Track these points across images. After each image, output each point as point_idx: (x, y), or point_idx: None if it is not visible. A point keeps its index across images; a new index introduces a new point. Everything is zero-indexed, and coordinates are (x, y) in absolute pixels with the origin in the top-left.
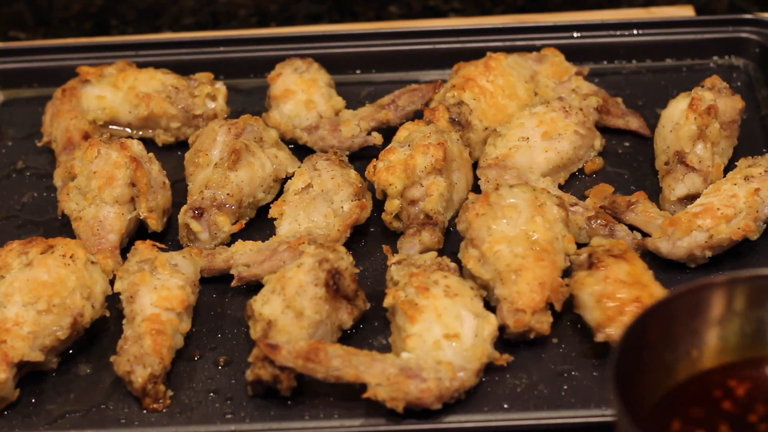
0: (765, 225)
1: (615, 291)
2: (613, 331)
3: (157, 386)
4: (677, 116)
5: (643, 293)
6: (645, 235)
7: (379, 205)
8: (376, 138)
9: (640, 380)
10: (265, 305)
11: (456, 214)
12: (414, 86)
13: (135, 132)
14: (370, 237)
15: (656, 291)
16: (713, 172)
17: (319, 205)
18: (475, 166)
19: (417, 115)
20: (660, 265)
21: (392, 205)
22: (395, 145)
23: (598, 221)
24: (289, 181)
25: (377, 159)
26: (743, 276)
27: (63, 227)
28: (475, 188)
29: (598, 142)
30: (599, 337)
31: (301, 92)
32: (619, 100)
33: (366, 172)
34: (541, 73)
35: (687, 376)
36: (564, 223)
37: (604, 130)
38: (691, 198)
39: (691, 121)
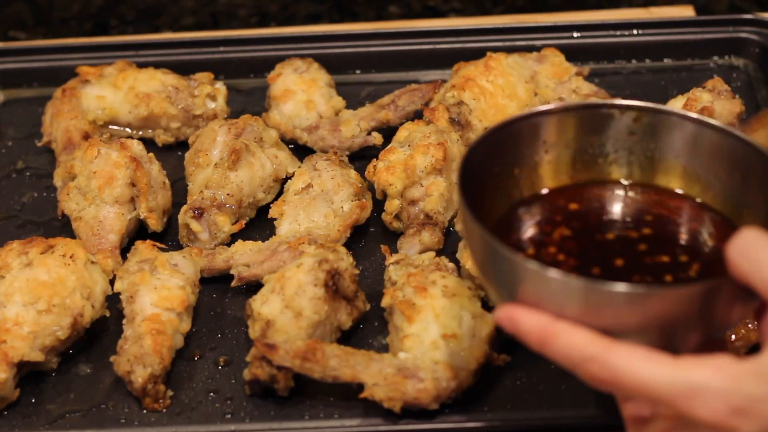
0: None
1: None
2: None
3: (157, 386)
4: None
5: None
6: None
7: (379, 205)
8: (376, 138)
9: (486, 195)
10: (264, 305)
11: (456, 214)
12: (414, 86)
13: (135, 132)
14: (370, 237)
15: None
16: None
17: (319, 205)
18: None
19: (417, 115)
20: None
21: (392, 205)
22: (395, 145)
23: None
24: (289, 181)
25: (377, 159)
26: (574, 105)
27: (63, 227)
28: None
29: None
30: None
31: (301, 92)
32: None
33: (366, 172)
34: (541, 73)
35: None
36: None
37: None
38: None
39: None
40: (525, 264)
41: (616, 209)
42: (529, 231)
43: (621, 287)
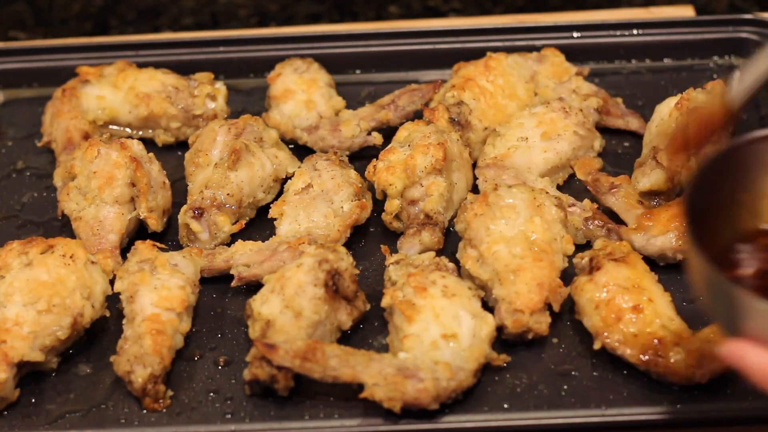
0: None
1: (613, 298)
2: (610, 339)
3: (157, 386)
4: (664, 113)
5: (642, 299)
6: (620, 221)
7: (379, 205)
8: (376, 138)
9: (709, 221)
10: (264, 305)
11: (456, 214)
12: (414, 86)
13: (135, 132)
14: (370, 237)
15: (657, 295)
16: (684, 173)
17: (319, 205)
18: (474, 166)
19: (417, 115)
20: (663, 266)
21: (392, 205)
22: (395, 145)
23: (596, 222)
24: (289, 181)
25: (377, 159)
26: None
27: (63, 227)
28: (475, 188)
29: (598, 143)
30: (597, 345)
31: (301, 92)
32: (619, 100)
33: (366, 172)
34: (541, 73)
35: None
36: (562, 224)
37: (603, 130)
38: (654, 194)
39: (674, 119)
40: (753, 302)
41: None
42: (752, 265)
43: None
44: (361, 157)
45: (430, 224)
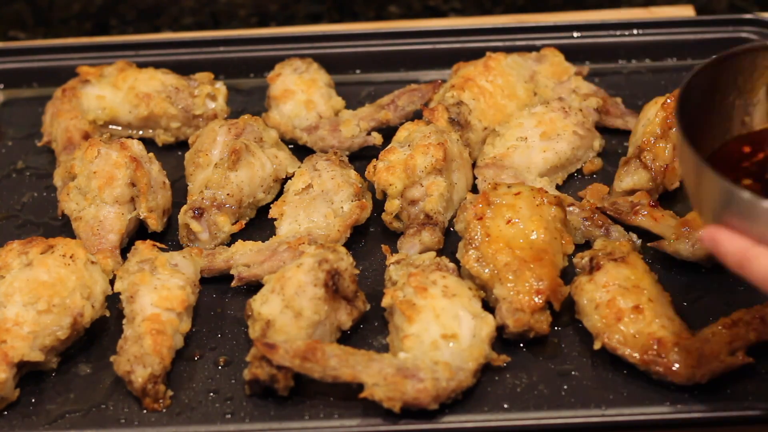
0: None
1: (613, 298)
2: (610, 339)
3: (157, 386)
4: (651, 114)
5: (642, 299)
6: (651, 235)
7: (379, 205)
8: (376, 138)
9: (701, 123)
10: (264, 305)
11: (456, 214)
12: (414, 86)
13: (135, 132)
14: (370, 237)
15: (657, 295)
16: (666, 174)
17: (319, 206)
18: (474, 165)
19: (417, 115)
20: (663, 266)
21: (392, 205)
22: (395, 145)
23: (594, 222)
24: (289, 181)
25: (377, 159)
26: None
27: (63, 227)
28: (475, 188)
29: (598, 143)
30: (597, 345)
31: (301, 92)
32: (619, 100)
33: (366, 172)
34: (540, 73)
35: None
36: (562, 223)
37: (603, 130)
38: (635, 192)
39: (659, 120)
40: (732, 190)
41: None
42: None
43: None
44: (361, 157)
45: (430, 224)
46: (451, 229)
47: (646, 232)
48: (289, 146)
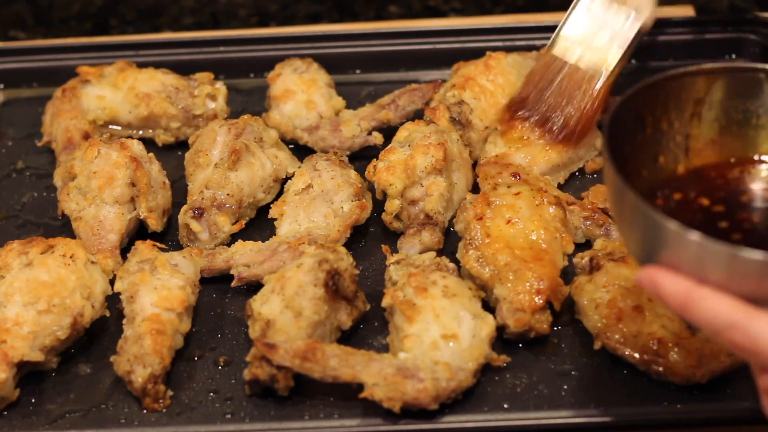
0: None
1: (613, 298)
2: (610, 339)
3: (157, 386)
4: None
5: (642, 299)
6: None
7: (379, 205)
8: (377, 138)
9: (631, 157)
10: (264, 305)
11: (456, 214)
12: (414, 86)
13: (135, 132)
14: (370, 237)
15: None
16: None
17: (319, 206)
18: (475, 165)
19: (417, 115)
20: None
21: (392, 205)
22: (395, 145)
23: (595, 221)
24: (289, 181)
25: (377, 159)
26: (724, 66)
27: (63, 227)
28: (475, 188)
29: (599, 142)
30: (597, 345)
31: (301, 92)
32: (617, 98)
33: (366, 172)
34: None
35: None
36: (562, 223)
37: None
38: None
39: None
40: (671, 227)
41: (761, 187)
42: (673, 201)
43: (765, 256)
44: (361, 157)
45: (430, 224)
46: (451, 229)
47: None
48: (290, 146)
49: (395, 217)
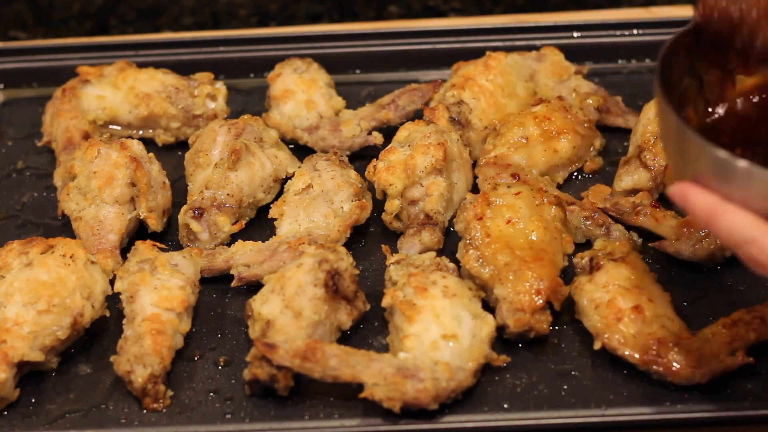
0: None
1: (613, 298)
2: (610, 339)
3: (157, 386)
4: (651, 113)
5: (642, 299)
6: (652, 235)
7: (379, 205)
8: (377, 138)
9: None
10: (264, 305)
11: (456, 214)
12: (414, 86)
13: (135, 132)
14: (370, 237)
15: (657, 295)
16: (667, 173)
17: (319, 206)
18: (474, 165)
19: (417, 115)
20: (663, 266)
21: (392, 205)
22: (395, 145)
23: (595, 221)
24: (289, 181)
25: (377, 159)
26: None
27: (63, 227)
28: (475, 187)
29: (598, 142)
30: (597, 345)
31: (301, 92)
32: (619, 98)
33: (366, 172)
34: (540, 72)
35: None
36: (562, 223)
37: (603, 128)
38: (636, 192)
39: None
40: (703, 145)
41: None
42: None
43: None
44: (361, 157)
45: (430, 224)
46: (452, 229)
47: (647, 233)
48: (290, 146)
49: (395, 217)
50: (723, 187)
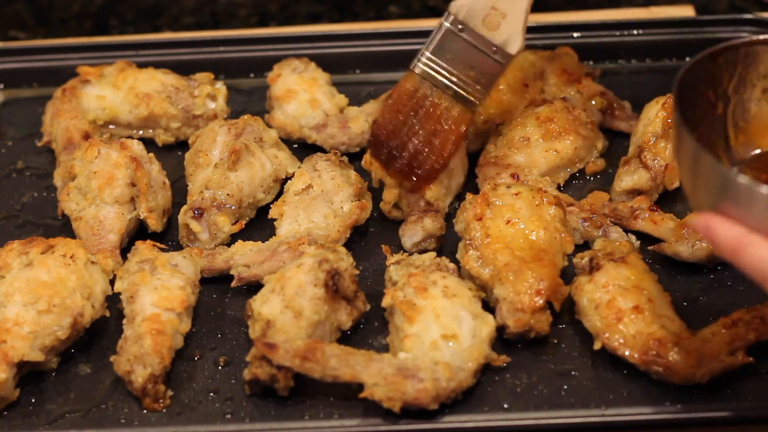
0: None
1: (613, 298)
2: (610, 339)
3: (157, 386)
4: (652, 113)
5: (642, 299)
6: (651, 239)
7: (376, 197)
8: None
9: (695, 116)
10: (264, 305)
11: (455, 199)
12: None
13: (135, 132)
14: (370, 237)
15: (657, 295)
16: (666, 173)
17: (319, 206)
18: (472, 161)
19: None
20: (663, 266)
21: (390, 194)
22: None
23: (593, 222)
24: (289, 181)
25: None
26: None
27: (63, 227)
28: (475, 187)
29: (601, 144)
30: (597, 345)
31: (304, 91)
32: (627, 104)
33: (363, 162)
34: (550, 71)
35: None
36: (562, 223)
37: (607, 131)
38: (636, 192)
39: (659, 119)
40: (731, 176)
41: None
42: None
43: None
44: (362, 158)
45: (431, 211)
46: (452, 229)
47: (646, 235)
48: (294, 146)
49: (394, 206)
50: (749, 217)
